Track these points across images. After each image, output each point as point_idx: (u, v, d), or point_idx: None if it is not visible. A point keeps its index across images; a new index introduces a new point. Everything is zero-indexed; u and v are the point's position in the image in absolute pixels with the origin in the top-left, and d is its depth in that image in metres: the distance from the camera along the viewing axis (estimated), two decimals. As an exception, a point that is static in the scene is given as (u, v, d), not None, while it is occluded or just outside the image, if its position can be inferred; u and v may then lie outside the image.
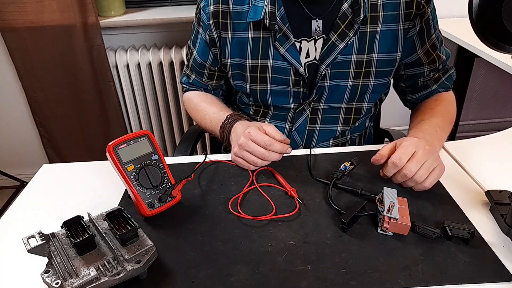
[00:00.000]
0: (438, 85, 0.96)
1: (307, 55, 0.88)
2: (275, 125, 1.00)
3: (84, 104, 1.84)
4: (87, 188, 0.79)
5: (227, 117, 0.88)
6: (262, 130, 0.78)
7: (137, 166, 0.67)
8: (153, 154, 0.69)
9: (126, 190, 0.76)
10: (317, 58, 0.88)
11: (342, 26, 0.84)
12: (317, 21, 0.86)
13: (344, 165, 0.76)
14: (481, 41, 0.57)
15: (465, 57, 1.81)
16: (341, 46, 0.85)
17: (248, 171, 0.79)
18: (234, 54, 0.92)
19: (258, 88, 0.93)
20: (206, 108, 0.97)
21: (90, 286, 0.51)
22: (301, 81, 0.90)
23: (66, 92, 1.81)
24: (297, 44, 0.88)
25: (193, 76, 1.03)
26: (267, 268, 0.58)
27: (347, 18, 0.84)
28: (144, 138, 0.69)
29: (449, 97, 0.97)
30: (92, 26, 1.66)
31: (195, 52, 0.98)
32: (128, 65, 1.78)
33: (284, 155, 0.80)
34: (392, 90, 1.03)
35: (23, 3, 1.60)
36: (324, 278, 0.55)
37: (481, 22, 0.56)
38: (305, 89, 0.91)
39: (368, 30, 0.85)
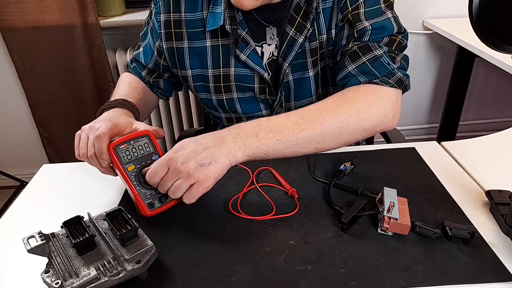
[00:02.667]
0: (357, 67, 0.75)
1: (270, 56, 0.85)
2: None
3: (84, 104, 1.84)
4: (87, 188, 0.79)
5: (108, 102, 0.81)
6: (111, 130, 0.68)
7: (137, 166, 0.67)
8: (153, 154, 0.69)
9: (126, 190, 0.76)
10: (276, 54, 0.85)
11: (298, 18, 0.80)
12: (271, 29, 0.83)
13: (344, 165, 0.76)
14: (481, 41, 0.56)
15: (465, 57, 1.81)
16: (300, 40, 0.81)
17: (249, 171, 0.79)
18: (194, 64, 0.88)
19: (224, 97, 0.89)
20: (118, 88, 0.91)
21: (90, 286, 0.51)
22: (267, 89, 0.87)
23: (66, 92, 1.81)
24: (259, 49, 0.84)
25: (134, 65, 0.99)
26: (267, 268, 0.58)
27: (302, 9, 0.80)
28: (144, 138, 0.69)
29: (364, 89, 0.72)
30: (92, 26, 1.66)
31: (141, 49, 0.95)
32: (128, 65, 1.78)
33: None
34: None
35: (23, 3, 1.60)
36: (324, 278, 0.55)
37: (481, 22, 0.56)
38: (272, 96, 0.88)
39: (314, 14, 0.81)
